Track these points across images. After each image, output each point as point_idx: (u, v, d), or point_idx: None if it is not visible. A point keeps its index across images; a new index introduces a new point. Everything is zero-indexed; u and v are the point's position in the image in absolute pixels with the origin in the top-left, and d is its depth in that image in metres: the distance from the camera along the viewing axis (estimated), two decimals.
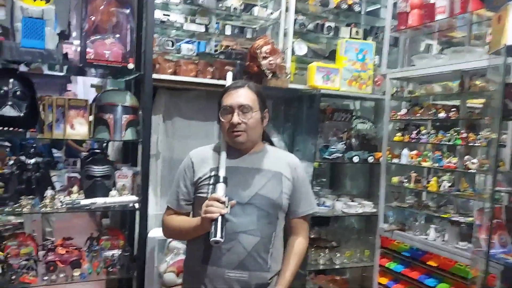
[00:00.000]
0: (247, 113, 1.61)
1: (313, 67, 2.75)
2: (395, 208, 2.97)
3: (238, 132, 1.61)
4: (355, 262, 3.11)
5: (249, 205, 1.59)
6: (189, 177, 1.68)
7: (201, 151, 1.73)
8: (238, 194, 1.59)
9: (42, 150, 3.48)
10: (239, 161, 1.66)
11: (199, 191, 1.65)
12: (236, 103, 1.61)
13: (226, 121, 1.62)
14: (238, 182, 1.61)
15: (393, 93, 2.97)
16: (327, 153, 2.92)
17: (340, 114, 3.14)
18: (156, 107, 2.78)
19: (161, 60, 2.58)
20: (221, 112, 1.64)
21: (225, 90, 1.68)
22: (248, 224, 1.58)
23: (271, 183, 1.64)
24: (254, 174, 1.64)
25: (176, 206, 1.70)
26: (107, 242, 2.52)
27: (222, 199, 1.49)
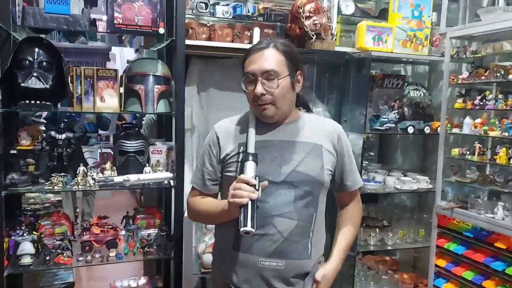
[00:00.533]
0: (273, 80, 1.37)
1: (362, 26, 2.44)
2: (455, 183, 2.66)
3: (264, 104, 1.38)
4: (409, 242, 2.85)
5: (284, 184, 1.38)
6: (215, 154, 1.47)
7: (227, 124, 1.51)
8: (271, 172, 1.38)
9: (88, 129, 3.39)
10: (271, 134, 1.44)
11: (226, 170, 1.44)
12: (259, 69, 1.36)
13: (250, 92, 1.39)
14: (271, 158, 1.40)
15: (453, 54, 2.62)
16: (378, 123, 2.64)
17: (391, 81, 2.82)
18: (189, 78, 2.58)
19: (194, 25, 2.36)
20: (244, 81, 1.40)
21: (247, 53, 1.42)
22: (283, 205, 1.37)
23: (310, 157, 1.42)
24: (289, 148, 1.42)
25: (202, 186, 1.51)
26: (143, 221, 2.39)
27: (252, 181, 1.28)
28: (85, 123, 3.56)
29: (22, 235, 2.08)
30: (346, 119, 2.67)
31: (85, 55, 7.19)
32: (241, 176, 1.30)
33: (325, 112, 2.70)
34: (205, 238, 2.44)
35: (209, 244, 2.36)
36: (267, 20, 2.52)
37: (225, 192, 1.40)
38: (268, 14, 2.50)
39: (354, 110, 2.64)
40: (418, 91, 3.02)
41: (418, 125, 2.72)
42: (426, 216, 2.98)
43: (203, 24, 2.42)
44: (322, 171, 1.43)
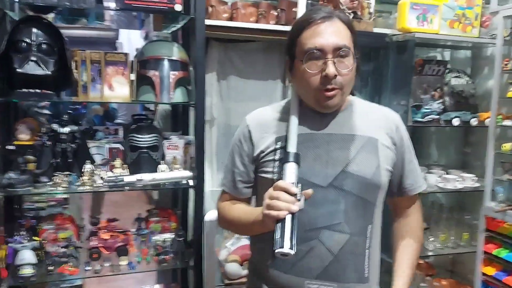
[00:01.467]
0: (345, 59, 1.09)
1: (405, 3, 2.13)
2: (506, 182, 2.36)
3: (332, 90, 1.10)
4: (451, 247, 2.56)
5: (333, 188, 1.11)
6: (247, 151, 1.21)
7: (261, 115, 1.25)
8: (316, 174, 1.11)
9: (96, 122, 3.12)
10: (316, 126, 1.17)
11: (261, 170, 1.18)
12: (331, 43, 1.07)
13: (314, 72, 1.09)
14: (315, 156, 1.13)
15: (506, 36, 2.31)
16: (420, 115, 2.34)
17: (431, 67, 2.52)
18: (208, 64, 2.30)
19: (214, 2, 2.07)
20: (305, 58, 1.09)
21: (303, 23, 1.12)
22: (332, 216, 1.10)
23: (363, 154, 1.14)
24: (338, 143, 1.15)
25: (233, 190, 1.25)
26: (157, 225, 2.13)
27: (292, 189, 1.00)
28: (92, 116, 3.29)
29: (22, 242, 1.83)
30: None
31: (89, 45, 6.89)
32: (279, 182, 1.02)
33: None
34: (226, 243, 2.18)
35: (232, 250, 2.11)
36: None
37: (260, 197, 1.13)
38: None
39: (393, 100, 2.34)
40: (460, 78, 2.70)
41: (464, 116, 2.42)
42: (468, 217, 2.69)
43: (224, 2, 2.13)
44: (379, 171, 1.15)
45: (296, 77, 1.15)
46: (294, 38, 1.13)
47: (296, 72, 1.14)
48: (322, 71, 1.08)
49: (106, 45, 8.46)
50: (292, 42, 1.14)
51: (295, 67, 1.14)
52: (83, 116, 3.16)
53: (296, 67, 1.13)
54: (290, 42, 1.15)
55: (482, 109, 2.60)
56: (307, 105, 1.18)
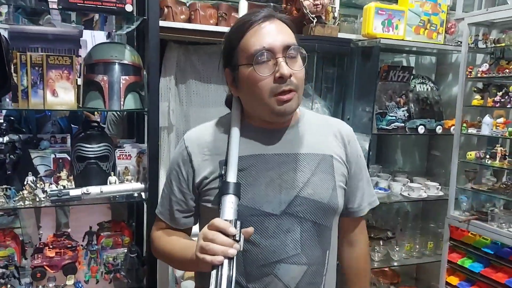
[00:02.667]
0: (295, 58, 0.99)
1: (370, 8, 2.07)
2: (470, 191, 2.34)
3: (289, 92, 0.98)
4: (416, 257, 2.53)
5: (287, 216, 1.01)
6: (186, 178, 1.07)
7: (201, 134, 1.09)
8: (269, 201, 1.00)
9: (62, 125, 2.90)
10: (266, 145, 1.05)
11: (205, 198, 1.04)
12: (280, 42, 0.96)
13: (265, 76, 0.96)
14: (267, 180, 1.02)
15: (471, 43, 2.29)
16: (385, 122, 2.28)
17: (396, 73, 2.47)
18: (165, 67, 2.18)
19: (171, 3, 1.95)
20: (254, 61, 0.96)
21: (243, 26, 0.99)
22: (288, 247, 1.00)
23: (318, 175, 1.05)
24: (291, 164, 1.04)
25: (169, 219, 1.11)
26: (109, 240, 1.99)
27: (230, 230, 0.87)
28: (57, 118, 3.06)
29: None
30: (349, 117, 2.30)
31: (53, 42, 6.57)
32: (214, 220, 0.88)
33: (323, 108, 2.33)
34: None
35: None
36: (257, 0, 2.12)
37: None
38: None
39: (357, 107, 2.28)
40: (424, 85, 2.67)
41: (429, 124, 2.38)
42: (433, 225, 2.67)
43: (181, 3, 2.01)
44: (335, 193, 1.06)
45: (243, 87, 1.01)
46: (234, 45, 1.00)
47: (242, 82, 1.00)
48: (274, 73, 0.96)
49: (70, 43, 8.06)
50: (232, 49, 1.01)
51: (240, 75, 1.00)
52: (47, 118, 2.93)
53: (242, 75, 0.99)
54: (229, 51, 1.02)
55: (447, 116, 2.58)
56: (254, 121, 1.06)
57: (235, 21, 1.06)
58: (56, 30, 2.77)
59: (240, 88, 1.02)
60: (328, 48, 2.04)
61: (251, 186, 1.00)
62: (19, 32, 2.40)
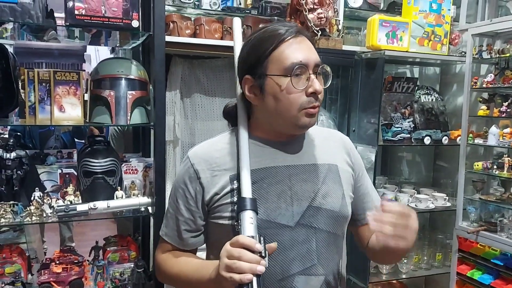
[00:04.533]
0: (321, 75, 1.02)
1: (374, 20, 2.08)
2: (478, 201, 2.33)
3: (316, 108, 1.01)
4: (425, 269, 2.50)
5: (302, 227, 1.01)
6: (194, 196, 1.05)
7: (206, 150, 1.08)
8: (282, 213, 1.00)
9: (65, 140, 2.91)
10: (274, 156, 1.05)
11: (217, 215, 1.03)
12: (313, 59, 1.00)
13: (301, 89, 0.98)
14: (278, 192, 1.02)
15: (475, 54, 2.29)
16: (390, 133, 2.28)
17: (401, 84, 2.47)
18: (171, 81, 2.19)
19: (176, 18, 1.96)
20: (288, 74, 0.97)
21: (274, 38, 0.99)
22: (305, 258, 1.00)
23: (328, 185, 1.06)
24: (301, 176, 1.05)
25: (177, 240, 1.09)
26: (115, 254, 1.97)
27: (257, 247, 0.86)
28: (60, 133, 3.06)
29: None
30: (354, 129, 2.30)
31: (57, 57, 6.58)
32: (239, 237, 0.87)
33: (328, 120, 2.34)
34: None
35: None
36: (262, 14, 2.14)
37: (215, 247, 1.00)
38: (263, 6, 2.12)
39: (363, 118, 2.27)
40: (429, 95, 2.68)
41: (435, 134, 2.38)
42: (442, 237, 2.64)
43: (186, 18, 2.02)
44: (345, 201, 1.08)
45: (269, 97, 1.00)
46: (265, 54, 0.99)
47: (270, 91, 1.00)
48: (307, 88, 0.98)
49: (74, 58, 8.08)
50: (261, 58, 1.00)
51: (269, 85, 0.99)
52: (51, 133, 2.94)
53: (271, 85, 0.99)
54: (256, 59, 1.01)
55: (452, 127, 2.58)
56: (261, 133, 1.07)
57: (261, 31, 1.04)
58: (60, 45, 2.78)
59: (265, 97, 1.01)
60: (332, 60, 2.04)
61: (264, 199, 1.00)
62: (24, 48, 2.40)
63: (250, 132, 1.06)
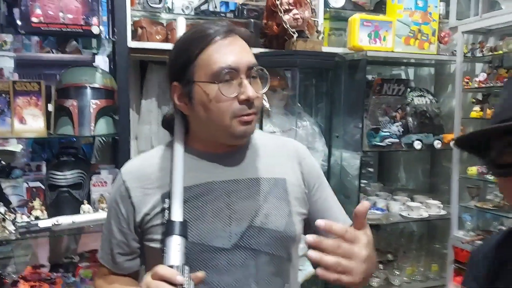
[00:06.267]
0: (256, 79, 0.91)
1: (355, 20, 1.98)
2: (474, 209, 2.19)
3: (251, 115, 0.89)
4: (419, 280, 2.36)
5: (239, 249, 0.90)
6: (126, 216, 0.94)
7: (139, 165, 0.98)
8: (218, 235, 0.89)
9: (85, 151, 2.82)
10: (212, 171, 0.94)
11: (148, 237, 0.93)
12: (245, 62, 0.89)
13: (232, 97, 0.87)
14: (215, 211, 0.91)
15: (467, 53, 2.17)
16: (378, 138, 2.16)
17: (391, 86, 2.35)
18: (147, 89, 2.12)
19: (145, 23, 1.89)
20: (216, 80, 0.87)
21: (205, 37, 0.89)
22: (242, 283, 0.89)
23: (272, 202, 0.94)
24: (241, 192, 0.93)
25: (111, 264, 0.98)
26: (88, 271, 1.89)
27: (177, 279, 0.77)
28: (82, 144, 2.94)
29: None
30: (338, 135, 2.19)
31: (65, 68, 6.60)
32: (158, 269, 0.78)
33: (313, 126, 2.23)
34: None
35: None
36: (238, 17, 2.06)
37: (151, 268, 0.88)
38: (239, 9, 2.04)
39: (347, 124, 2.16)
40: (423, 97, 2.55)
41: (426, 138, 2.25)
42: (439, 246, 2.50)
43: (157, 23, 1.95)
44: (291, 220, 0.95)
45: (198, 106, 0.90)
46: (191, 58, 0.89)
47: (198, 100, 0.90)
48: (239, 94, 0.87)
49: None
50: (187, 63, 0.90)
51: (197, 93, 0.89)
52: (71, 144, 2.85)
53: (199, 93, 0.89)
54: (182, 64, 0.90)
55: (448, 130, 2.44)
56: (199, 144, 0.96)
57: (190, 32, 0.94)
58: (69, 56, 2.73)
59: (194, 106, 0.91)
60: (310, 62, 1.94)
61: (197, 220, 0.90)
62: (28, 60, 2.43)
63: (187, 144, 0.96)
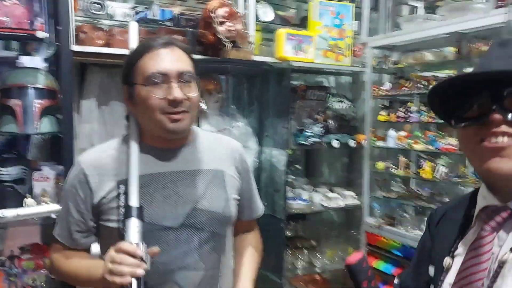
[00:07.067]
0: (189, 84, 1.09)
1: (281, 34, 2.25)
2: (381, 198, 2.55)
3: (180, 114, 1.07)
4: (338, 262, 2.69)
5: (185, 227, 1.10)
6: (84, 198, 1.11)
7: (97, 156, 1.15)
8: (166, 216, 1.09)
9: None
10: (161, 164, 1.13)
11: (105, 218, 1.11)
12: (175, 69, 1.06)
13: (159, 97, 1.05)
14: (164, 196, 1.10)
15: (375, 65, 2.52)
16: (303, 138, 2.45)
17: (314, 92, 2.67)
18: (87, 90, 2.23)
19: (88, 29, 2.02)
20: (146, 83, 1.05)
21: (142, 48, 1.09)
22: (186, 255, 1.10)
23: (212, 189, 1.16)
24: (186, 181, 1.14)
25: (68, 240, 1.15)
26: (30, 262, 1.97)
27: (137, 253, 0.96)
28: None
29: None
30: (268, 134, 2.45)
31: None
32: (121, 244, 0.97)
33: (246, 127, 2.47)
34: None
35: None
36: (176, 26, 2.24)
37: (106, 247, 1.06)
38: (177, 18, 2.22)
39: (276, 124, 2.43)
40: (342, 102, 2.89)
41: (343, 138, 2.58)
42: (355, 232, 2.85)
43: (99, 28, 2.08)
44: (228, 204, 1.18)
45: (138, 105, 1.09)
46: (133, 64, 1.08)
47: (137, 99, 1.08)
48: (167, 95, 1.05)
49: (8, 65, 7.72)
50: (130, 68, 1.09)
51: (136, 93, 1.08)
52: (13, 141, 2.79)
53: (137, 93, 1.07)
54: (127, 69, 1.10)
55: (362, 131, 2.79)
56: (149, 139, 1.14)
57: (139, 43, 1.15)
58: None
59: (136, 104, 1.10)
60: (242, 70, 2.18)
61: (149, 204, 1.08)
62: None
63: (141, 139, 1.14)
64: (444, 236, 0.87)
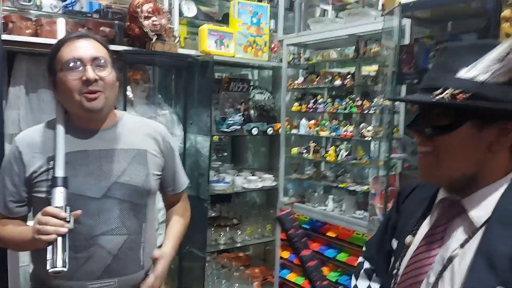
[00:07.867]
0: (104, 67, 1.26)
1: (204, 29, 2.47)
2: (295, 180, 2.88)
3: (94, 93, 1.23)
4: (257, 238, 2.99)
5: (107, 198, 1.28)
6: (18, 172, 1.27)
7: (31, 135, 1.31)
8: (89, 188, 1.27)
9: None
10: (85, 143, 1.30)
11: (36, 189, 1.27)
12: (89, 54, 1.23)
13: (75, 79, 1.21)
14: (88, 171, 1.28)
15: (290, 61, 2.83)
16: (225, 125, 2.70)
17: (236, 84, 2.92)
18: (15, 77, 2.29)
19: (15, 18, 2.09)
20: (64, 69, 1.21)
21: (61, 41, 1.27)
22: (109, 222, 1.28)
23: (133, 165, 1.34)
24: (109, 158, 1.31)
25: (4, 209, 1.31)
26: None
27: (61, 214, 1.14)
28: None
29: None
30: (192, 122, 2.67)
31: None
32: (47, 208, 1.15)
33: (172, 115, 2.67)
34: None
35: None
36: (103, 18, 2.37)
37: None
38: (104, 11, 2.35)
39: (200, 113, 2.65)
40: (262, 94, 3.18)
41: (262, 126, 2.87)
42: (273, 211, 3.16)
43: (27, 19, 2.16)
44: (148, 178, 1.37)
45: (60, 90, 1.25)
46: (54, 55, 1.25)
47: (59, 85, 1.24)
48: (82, 77, 1.21)
49: None
50: (52, 59, 1.26)
51: (57, 80, 1.23)
52: None
53: (59, 79, 1.23)
54: (50, 60, 1.27)
55: (280, 120, 3.10)
56: (75, 121, 1.30)
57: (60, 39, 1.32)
58: None
59: (59, 90, 1.27)
60: (167, 62, 2.37)
61: (75, 177, 1.25)
62: None
63: (68, 121, 1.30)
64: (410, 213, 0.92)
